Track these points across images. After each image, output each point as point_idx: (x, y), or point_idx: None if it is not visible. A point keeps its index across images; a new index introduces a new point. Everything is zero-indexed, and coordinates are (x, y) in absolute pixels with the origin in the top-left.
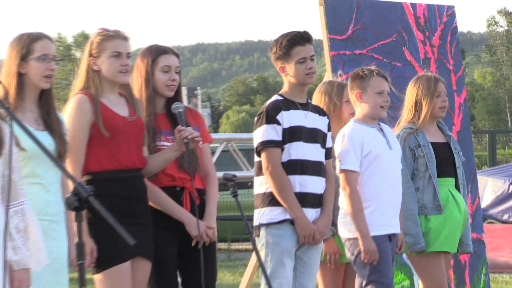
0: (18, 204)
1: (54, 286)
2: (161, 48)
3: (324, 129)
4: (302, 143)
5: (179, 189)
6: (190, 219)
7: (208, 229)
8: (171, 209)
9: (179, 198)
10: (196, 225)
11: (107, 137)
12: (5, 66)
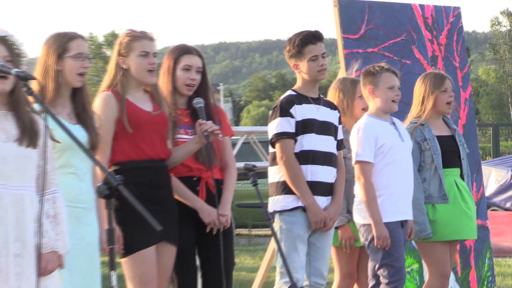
0: (50, 192)
1: (87, 269)
2: (186, 48)
3: (335, 122)
4: (314, 135)
5: (195, 179)
6: (203, 206)
7: (221, 216)
8: (187, 197)
9: (195, 187)
10: (208, 212)
11: (129, 132)
12: (41, 63)
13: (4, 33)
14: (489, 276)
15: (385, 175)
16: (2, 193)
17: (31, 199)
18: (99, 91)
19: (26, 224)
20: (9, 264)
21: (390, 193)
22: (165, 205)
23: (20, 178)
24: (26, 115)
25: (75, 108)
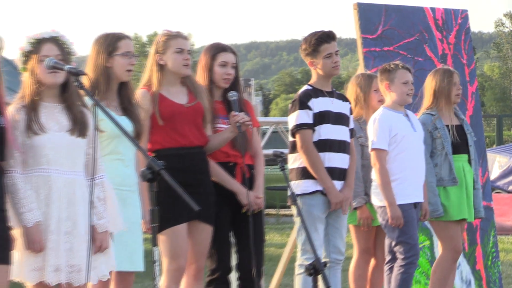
0: (98, 177)
1: (132, 245)
2: (221, 46)
3: (347, 113)
4: (330, 125)
5: (232, 164)
6: (241, 189)
7: (257, 198)
8: (226, 181)
9: (232, 171)
10: (246, 194)
11: (165, 123)
12: (92, 61)
13: (55, 33)
14: (493, 252)
15: (398, 161)
16: (56, 177)
17: (81, 184)
18: (139, 86)
19: (77, 206)
20: (60, 241)
21: (403, 178)
22: (198, 187)
23: (71, 165)
24: (77, 108)
25: (121, 101)
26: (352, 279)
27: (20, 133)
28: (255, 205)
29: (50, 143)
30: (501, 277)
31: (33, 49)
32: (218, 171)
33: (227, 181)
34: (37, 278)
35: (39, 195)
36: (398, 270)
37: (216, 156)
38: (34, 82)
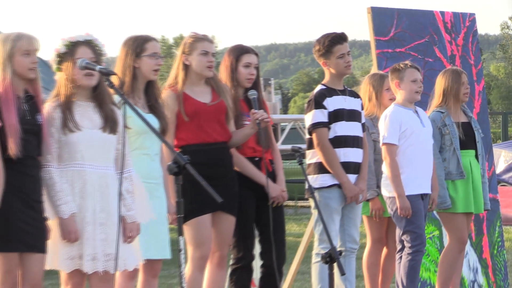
0: (126, 171)
1: (159, 235)
2: (245, 48)
3: (359, 109)
4: (344, 122)
5: (258, 159)
6: (271, 183)
7: (282, 191)
8: (254, 174)
9: (258, 165)
10: (274, 188)
11: (189, 120)
12: (121, 61)
13: (89, 37)
14: (499, 242)
15: (407, 155)
16: (90, 172)
17: (112, 177)
18: (166, 85)
19: (109, 198)
20: (95, 231)
21: (412, 170)
22: (221, 180)
23: (104, 160)
24: (107, 106)
25: (148, 99)
26: (365, 267)
27: (56, 130)
28: (281, 198)
29: (85, 140)
30: (506, 265)
31: (68, 51)
32: (247, 166)
33: (256, 175)
34: (72, 266)
35: (74, 188)
36: (406, 257)
37: (244, 152)
38: (69, 82)
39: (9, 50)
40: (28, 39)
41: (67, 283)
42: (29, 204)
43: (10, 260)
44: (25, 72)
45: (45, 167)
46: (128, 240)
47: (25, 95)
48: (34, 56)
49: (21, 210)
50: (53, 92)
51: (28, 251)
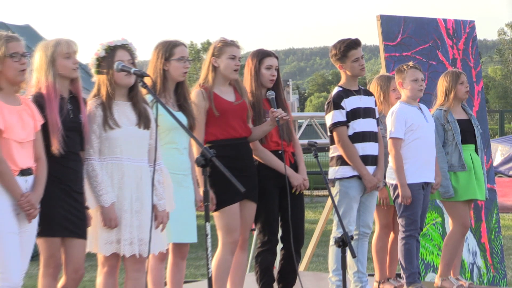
0: (157, 164)
1: (186, 221)
2: (266, 52)
3: (373, 106)
4: (361, 120)
5: (281, 152)
6: (293, 173)
7: (304, 180)
8: (279, 166)
9: (281, 158)
10: (297, 177)
11: (218, 117)
12: (152, 64)
13: (125, 41)
14: (496, 228)
15: (412, 147)
16: (127, 165)
17: (146, 169)
18: (195, 85)
19: (143, 188)
20: (132, 219)
21: (414, 161)
22: (245, 171)
23: (139, 154)
24: (141, 105)
25: (177, 98)
26: (374, 250)
27: (97, 127)
28: (303, 186)
29: (123, 136)
30: (502, 249)
31: (107, 55)
32: (272, 158)
33: (280, 166)
34: (111, 250)
35: (113, 180)
36: (401, 241)
37: (269, 145)
38: (110, 83)
39: (51, 55)
40: (67, 43)
41: (104, 265)
42: (71, 194)
43: (53, 245)
44: (68, 73)
45: (88, 161)
46: (159, 226)
47: (69, 96)
48: (74, 58)
49: (63, 200)
50: (93, 92)
51: (70, 237)
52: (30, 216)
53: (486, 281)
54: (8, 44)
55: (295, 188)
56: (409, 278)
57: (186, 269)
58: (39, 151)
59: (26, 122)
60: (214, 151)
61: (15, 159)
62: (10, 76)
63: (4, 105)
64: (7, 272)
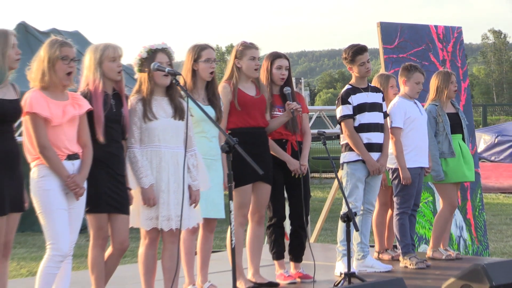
0: (192, 150)
1: (215, 199)
2: (277, 54)
3: (380, 101)
4: (366, 113)
5: (284, 140)
6: (290, 159)
7: (302, 165)
8: (279, 153)
9: (284, 146)
10: (293, 163)
11: (240, 109)
12: (185, 65)
13: (165, 45)
14: (480, 206)
15: (409, 136)
16: (165, 151)
17: (181, 155)
18: (221, 82)
19: (180, 172)
20: (170, 198)
21: (412, 148)
22: (262, 156)
23: (175, 142)
24: (177, 99)
25: (207, 94)
26: (374, 224)
27: (138, 119)
28: (299, 170)
29: (161, 126)
30: (485, 224)
31: (148, 56)
32: (274, 146)
33: (280, 153)
34: (151, 225)
35: (152, 164)
36: (396, 217)
37: (273, 135)
38: (149, 81)
39: (99, 57)
40: (114, 48)
41: (145, 237)
42: (115, 177)
43: (101, 219)
44: (113, 75)
45: (130, 149)
46: (193, 204)
47: (113, 92)
48: (119, 61)
49: (108, 181)
50: (135, 89)
51: (114, 213)
52: (77, 195)
53: (471, 252)
54: (62, 48)
55: (293, 172)
56: (404, 249)
57: (213, 241)
58: (86, 139)
59: (71, 114)
60: (236, 139)
61: (61, 146)
62: (59, 75)
63: (51, 100)
64: (58, 242)
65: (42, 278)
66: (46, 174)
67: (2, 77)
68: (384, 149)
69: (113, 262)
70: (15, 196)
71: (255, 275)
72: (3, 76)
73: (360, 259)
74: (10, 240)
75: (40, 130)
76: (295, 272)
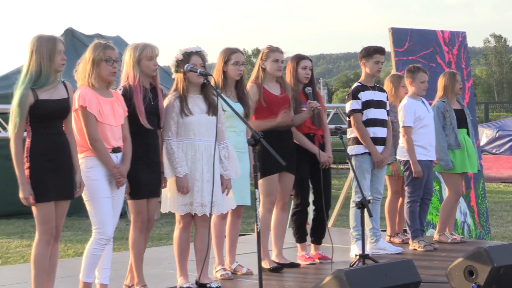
0: (224, 143)
1: (243, 188)
2: (302, 56)
3: (384, 100)
4: (373, 109)
5: (312, 135)
6: (321, 151)
7: (329, 157)
8: (309, 146)
9: (312, 140)
10: (323, 155)
11: (265, 107)
12: (216, 66)
13: (199, 49)
14: (482, 194)
15: (420, 133)
16: (199, 144)
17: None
18: (248, 82)
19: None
20: (203, 186)
21: (422, 143)
22: (285, 149)
23: (208, 135)
24: (211, 97)
25: (237, 92)
26: (386, 211)
27: (176, 114)
28: (328, 162)
29: (196, 121)
30: (487, 211)
31: (184, 58)
32: (304, 140)
33: (310, 146)
34: (185, 211)
35: (187, 156)
36: (406, 205)
37: (302, 129)
38: (185, 80)
39: (138, 56)
40: (151, 48)
41: (180, 222)
42: (151, 165)
43: (140, 204)
44: (150, 72)
45: (167, 141)
46: (225, 192)
47: (150, 87)
48: (155, 60)
49: (146, 170)
50: (173, 88)
51: (151, 197)
52: (119, 184)
53: (474, 236)
54: (105, 50)
55: (322, 164)
56: (413, 233)
57: (240, 225)
58: (126, 133)
59: (117, 111)
60: (262, 133)
61: (108, 140)
62: (103, 76)
63: (99, 97)
64: (103, 227)
65: (88, 259)
66: (93, 165)
67: (47, 79)
68: (387, 143)
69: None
70: (63, 186)
71: (278, 256)
72: (49, 79)
73: (373, 243)
74: (60, 225)
75: (90, 124)
76: (315, 253)
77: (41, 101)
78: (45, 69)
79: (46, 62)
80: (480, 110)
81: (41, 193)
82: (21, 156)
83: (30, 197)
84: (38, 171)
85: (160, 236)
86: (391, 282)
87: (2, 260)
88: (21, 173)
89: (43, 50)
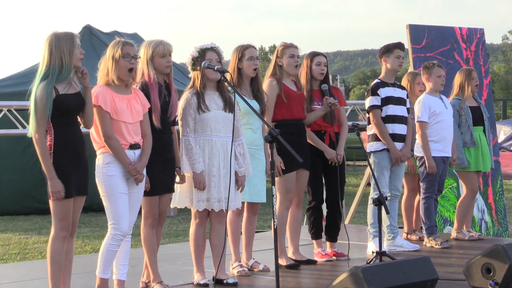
0: (239, 140)
1: (258, 185)
2: (316, 52)
3: (404, 97)
4: (392, 105)
5: (323, 132)
6: (327, 148)
7: (338, 155)
8: (317, 143)
9: (322, 137)
10: (330, 152)
11: (285, 102)
12: (231, 63)
13: (214, 45)
14: (500, 191)
15: (435, 129)
16: (216, 140)
17: (230, 144)
18: (265, 77)
19: (228, 159)
20: (220, 181)
21: (437, 139)
22: (301, 145)
23: (225, 131)
24: (226, 94)
25: (252, 89)
26: (403, 208)
27: (193, 111)
28: (335, 159)
29: (213, 118)
30: (505, 208)
31: (200, 56)
32: (312, 137)
33: (318, 143)
34: (202, 206)
35: (204, 151)
36: (421, 201)
37: (313, 126)
38: (202, 77)
39: (151, 53)
40: (164, 45)
41: (196, 217)
42: (165, 160)
43: (153, 201)
44: (163, 69)
45: (185, 137)
46: (240, 188)
47: (164, 84)
48: (168, 57)
49: (160, 167)
50: (189, 85)
51: (164, 193)
52: (137, 180)
53: (492, 233)
54: (123, 47)
55: (329, 161)
56: (428, 230)
57: (257, 222)
58: (146, 129)
59: (134, 108)
60: (279, 130)
61: (124, 136)
62: (121, 72)
63: (115, 94)
64: (119, 223)
65: (104, 255)
66: (110, 162)
67: (68, 73)
68: (406, 140)
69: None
70: (81, 181)
71: (295, 253)
72: (69, 73)
73: (390, 240)
74: (76, 221)
75: (105, 122)
76: (331, 251)
77: (62, 96)
78: (66, 64)
79: (67, 57)
80: (498, 107)
81: (66, 190)
82: (47, 151)
83: (62, 191)
84: (62, 167)
85: (177, 233)
86: (408, 279)
87: (20, 256)
88: (49, 168)
89: (63, 45)
